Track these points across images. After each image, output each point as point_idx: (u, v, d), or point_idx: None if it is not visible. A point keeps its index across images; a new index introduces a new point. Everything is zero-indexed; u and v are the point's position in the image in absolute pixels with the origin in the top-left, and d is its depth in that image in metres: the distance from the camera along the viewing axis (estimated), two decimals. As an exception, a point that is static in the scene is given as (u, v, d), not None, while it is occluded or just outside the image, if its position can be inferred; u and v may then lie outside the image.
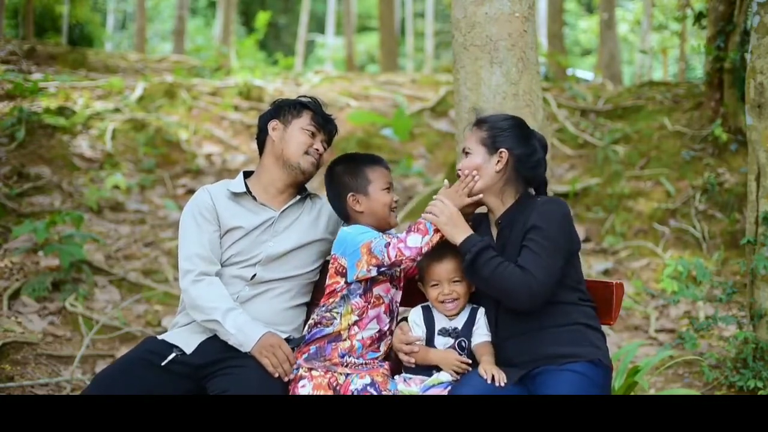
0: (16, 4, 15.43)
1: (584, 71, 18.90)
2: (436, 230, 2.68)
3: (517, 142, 2.80)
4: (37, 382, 4.25)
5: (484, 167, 2.77)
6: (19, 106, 8.11)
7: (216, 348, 2.80)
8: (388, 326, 2.82)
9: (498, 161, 2.77)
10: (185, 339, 2.84)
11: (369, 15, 27.67)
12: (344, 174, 2.87)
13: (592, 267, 6.56)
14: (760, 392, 4.02)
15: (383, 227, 2.85)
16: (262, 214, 2.95)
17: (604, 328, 2.89)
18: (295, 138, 2.96)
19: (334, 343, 2.77)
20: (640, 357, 4.79)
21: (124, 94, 9.75)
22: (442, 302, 2.75)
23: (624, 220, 7.12)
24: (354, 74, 14.40)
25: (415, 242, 2.67)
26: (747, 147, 4.34)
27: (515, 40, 3.58)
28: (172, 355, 2.78)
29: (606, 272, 6.48)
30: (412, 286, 2.92)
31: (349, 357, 2.76)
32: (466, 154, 2.81)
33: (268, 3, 27.38)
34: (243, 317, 2.79)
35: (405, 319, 2.87)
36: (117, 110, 9.18)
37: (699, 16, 7.49)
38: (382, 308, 2.79)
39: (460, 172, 2.81)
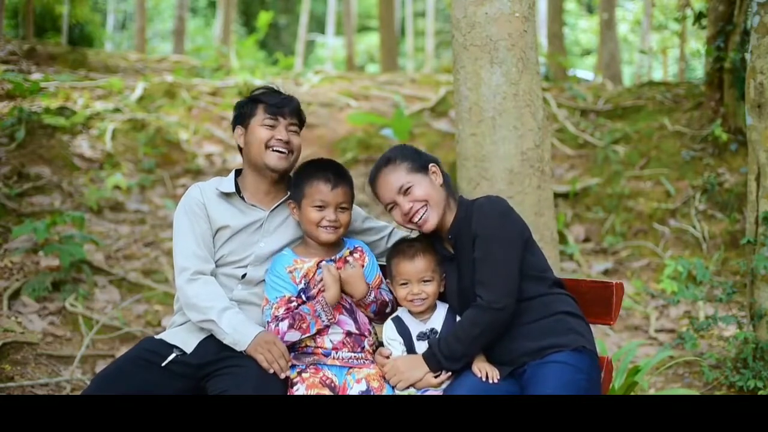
0: (16, 4, 15.43)
1: (584, 71, 18.90)
2: (318, 329, 2.73)
3: (428, 156, 2.84)
4: (37, 382, 4.25)
5: (433, 188, 2.77)
6: (19, 106, 8.11)
7: (214, 347, 2.79)
8: (355, 325, 2.81)
9: (435, 177, 2.79)
10: (183, 338, 2.83)
11: (369, 15, 27.67)
12: (293, 179, 2.89)
13: (592, 267, 6.56)
14: (760, 392, 4.02)
15: (316, 241, 2.85)
16: (251, 215, 2.93)
17: (605, 328, 2.89)
18: (255, 137, 2.90)
19: (311, 348, 2.79)
20: (640, 357, 4.79)
21: (124, 94, 9.75)
22: (411, 301, 2.75)
23: (624, 220, 7.12)
24: (354, 74, 14.40)
25: (291, 337, 2.74)
26: (747, 147, 4.34)
27: (515, 40, 3.58)
28: (172, 356, 2.78)
29: (606, 272, 6.48)
30: None
31: (336, 354, 2.78)
32: (408, 190, 2.75)
33: (268, 3, 27.37)
34: (239, 317, 2.78)
35: (381, 344, 2.87)
36: (117, 110, 9.18)
37: (699, 16, 7.50)
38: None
39: (412, 215, 2.76)
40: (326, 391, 2.69)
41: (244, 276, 2.88)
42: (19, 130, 7.61)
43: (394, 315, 2.83)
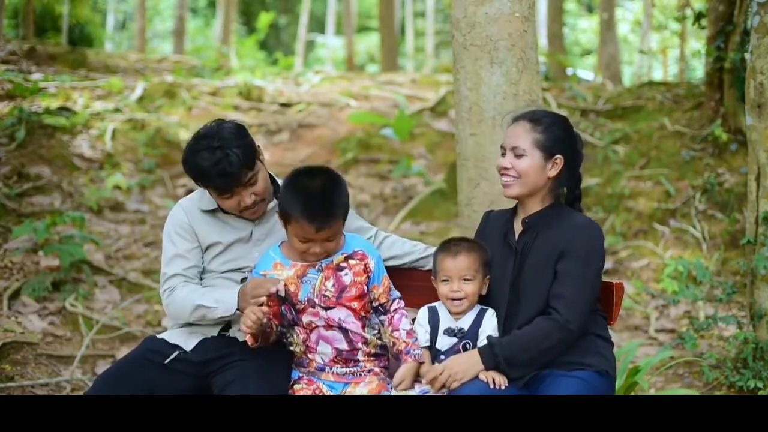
0: (16, 4, 15.42)
1: (584, 71, 18.89)
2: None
3: (571, 148, 2.76)
4: (37, 382, 4.25)
5: (538, 172, 2.71)
6: (19, 106, 8.10)
7: (216, 345, 2.80)
8: (346, 340, 2.70)
9: (552, 167, 2.72)
10: (185, 339, 2.84)
11: (369, 15, 27.65)
12: (282, 191, 2.66)
13: (592, 267, 6.55)
14: (760, 392, 4.02)
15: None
16: (239, 228, 2.88)
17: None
18: (222, 204, 2.82)
19: (306, 360, 2.75)
20: (640, 357, 4.79)
21: (124, 94, 9.75)
22: (450, 300, 2.72)
23: (624, 220, 7.11)
24: (354, 74, 14.40)
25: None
26: (747, 147, 4.34)
27: (515, 40, 3.58)
28: (174, 354, 2.78)
29: (606, 272, 6.48)
30: (408, 287, 2.87)
31: (331, 369, 2.73)
32: (518, 155, 2.71)
33: (269, 3, 27.36)
34: (218, 290, 2.78)
35: (384, 347, 2.82)
36: (117, 110, 9.17)
37: (699, 16, 7.49)
38: (321, 329, 2.69)
39: (504, 173, 2.75)
40: None
41: (243, 280, 2.88)
42: (19, 130, 7.60)
43: (431, 304, 2.80)
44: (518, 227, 2.80)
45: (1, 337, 4.52)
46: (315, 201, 2.56)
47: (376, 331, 2.79)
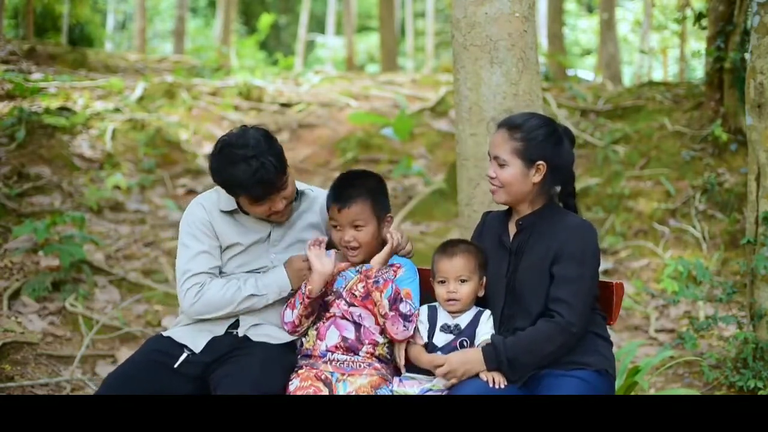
0: (16, 4, 15.43)
1: (584, 71, 18.89)
2: (303, 303, 2.77)
3: (554, 150, 2.72)
4: (37, 382, 4.25)
5: (521, 180, 2.70)
6: (19, 106, 8.11)
7: (224, 344, 2.80)
8: (354, 333, 2.78)
9: (536, 173, 2.70)
10: (193, 338, 2.83)
11: (369, 15, 27.64)
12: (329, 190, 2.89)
13: (592, 267, 6.55)
14: (760, 392, 4.02)
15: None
16: (257, 229, 2.90)
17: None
18: (252, 211, 2.84)
19: (309, 351, 2.82)
20: (640, 357, 4.79)
21: (124, 94, 9.75)
22: (447, 300, 2.76)
23: (624, 220, 7.11)
24: (354, 74, 14.40)
25: (287, 316, 2.81)
26: (747, 147, 4.34)
27: (515, 40, 3.58)
28: (184, 356, 2.77)
29: (606, 272, 6.47)
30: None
31: (331, 355, 2.78)
32: (501, 165, 2.71)
33: (269, 3, 27.36)
34: (256, 277, 2.83)
35: (391, 353, 2.85)
36: (117, 110, 9.18)
37: (699, 16, 7.49)
38: (337, 319, 2.80)
39: (490, 181, 2.75)
40: (320, 385, 2.69)
41: None
42: (19, 130, 7.60)
43: (431, 304, 2.84)
44: (513, 228, 2.82)
45: (1, 337, 4.52)
46: (341, 183, 2.83)
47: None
